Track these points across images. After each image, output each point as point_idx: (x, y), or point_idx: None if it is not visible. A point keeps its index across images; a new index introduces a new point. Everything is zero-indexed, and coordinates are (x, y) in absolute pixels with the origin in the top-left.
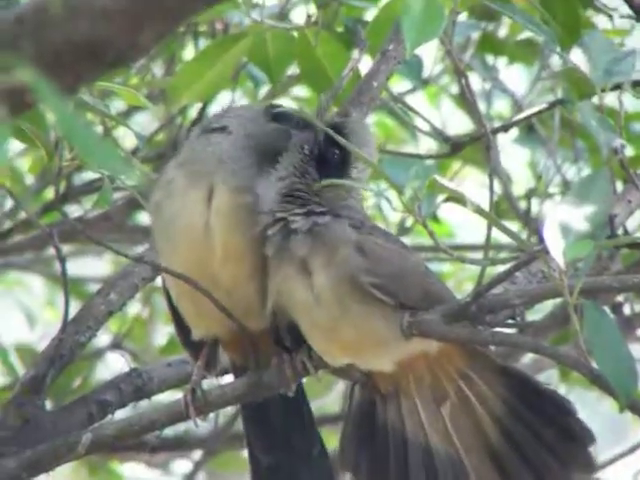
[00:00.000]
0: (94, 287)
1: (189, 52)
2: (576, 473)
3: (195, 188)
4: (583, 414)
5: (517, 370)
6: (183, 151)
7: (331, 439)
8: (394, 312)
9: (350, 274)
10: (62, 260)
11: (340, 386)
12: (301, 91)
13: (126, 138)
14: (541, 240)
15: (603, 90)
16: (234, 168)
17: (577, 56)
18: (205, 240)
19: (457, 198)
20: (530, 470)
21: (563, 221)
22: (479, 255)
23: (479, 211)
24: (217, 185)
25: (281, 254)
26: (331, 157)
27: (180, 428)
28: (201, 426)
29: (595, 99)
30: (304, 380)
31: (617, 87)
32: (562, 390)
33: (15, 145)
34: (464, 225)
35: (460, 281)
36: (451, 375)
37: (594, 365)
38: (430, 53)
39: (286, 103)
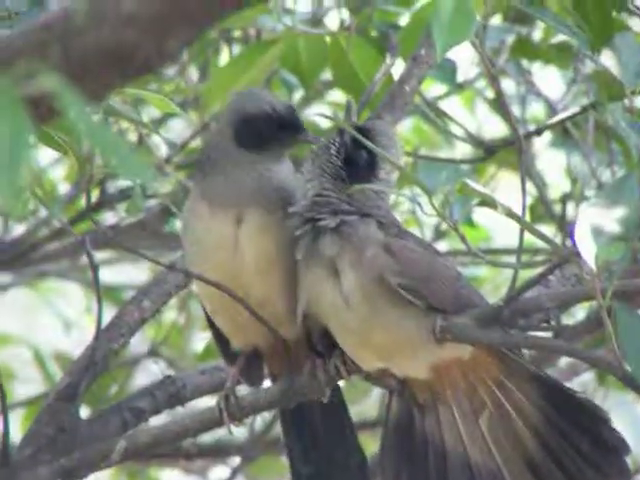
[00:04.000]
0: (130, 294)
1: (223, 58)
2: None
3: (223, 213)
4: (619, 417)
5: (551, 378)
6: (201, 183)
7: (369, 445)
8: (425, 315)
9: (379, 274)
10: (94, 268)
11: (378, 391)
12: (336, 96)
13: (161, 145)
14: (573, 243)
15: (633, 92)
16: (259, 191)
17: (610, 59)
18: (235, 255)
19: (489, 202)
20: (568, 479)
21: (595, 223)
22: (514, 259)
23: (511, 215)
24: (245, 211)
25: (310, 256)
26: (359, 159)
27: (217, 434)
28: (238, 432)
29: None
30: (341, 386)
31: None
32: (599, 393)
33: (49, 153)
34: (502, 229)
35: (497, 285)
36: (486, 383)
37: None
38: (465, 57)
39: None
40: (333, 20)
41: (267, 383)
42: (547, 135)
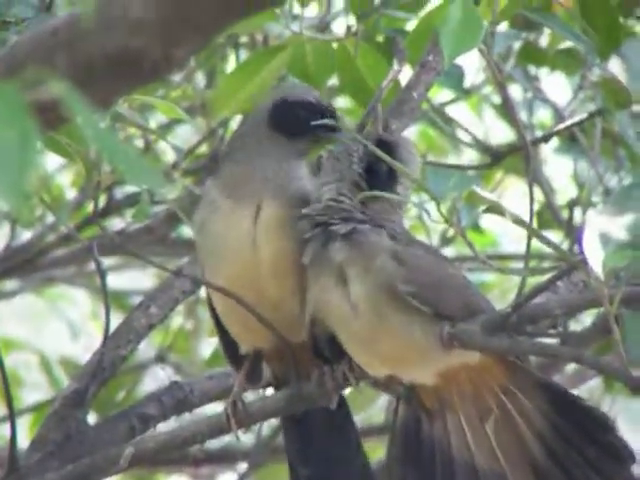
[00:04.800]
0: (137, 300)
1: (230, 64)
2: None
3: (241, 207)
4: (626, 423)
5: (557, 385)
6: (222, 174)
7: (376, 451)
8: (433, 322)
9: (387, 282)
10: (102, 274)
11: (384, 398)
12: (343, 102)
13: (168, 151)
14: (581, 250)
15: None
16: (281, 183)
17: (617, 65)
18: (251, 256)
19: (496, 209)
20: None
21: (602, 230)
22: (522, 265)
23: (518, 221)
24: (265, 201)
25: (319, 262)
26: (379, 169)
27: (225, 441)
28: (245, 438)
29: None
30: (346, 392)
31: None
32: (606, 400)
33: (56, 159)
34: (509, 234)
35: (504, 291)
36: (493, 389)
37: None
38: (472, 63)
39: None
40: (340, 26)
41: (269, 386)
42: (554, 141)
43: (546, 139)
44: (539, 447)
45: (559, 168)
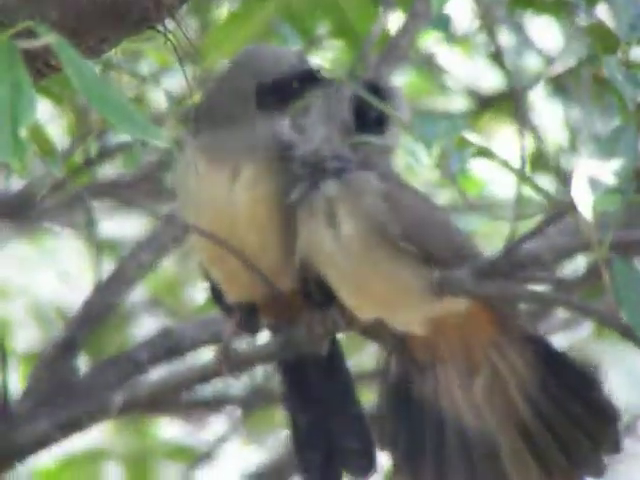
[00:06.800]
0: (129, 247)
1: (221, 12)
2: (604, 452)
3: (220, 166)
4: (616, 368)
5: (546, 340)
6: (203, 138)
7: (367, 396)
8: (423, 266)
9: (377, 223)
10: (92, 222)
11: (374, 345)
12: (333, 53)
13: (159, 99)
14: (570, 194)
15: (628, 44)
16: (263, 143)
17: (604, 11)
18: (228, 208)
19: (486, 153)
20: (560, 447)
21: (591, 175)
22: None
23: (507, 166)
24: (244, 160)
25: (308, 202)
26: (367, 115)
27: (217, 386)
28: (238, 384)
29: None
30: (339, 337)
31: None
32: (596, 345)
33: (50, 108)
34: (498, 181)
35: (493, 239)
36: (482, 343)
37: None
38: (465, 10)
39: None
40: None
41: (265, 333)
42: (544, 88)
43: (535, 83)
44: (526, 406)
45: (549, 116)
